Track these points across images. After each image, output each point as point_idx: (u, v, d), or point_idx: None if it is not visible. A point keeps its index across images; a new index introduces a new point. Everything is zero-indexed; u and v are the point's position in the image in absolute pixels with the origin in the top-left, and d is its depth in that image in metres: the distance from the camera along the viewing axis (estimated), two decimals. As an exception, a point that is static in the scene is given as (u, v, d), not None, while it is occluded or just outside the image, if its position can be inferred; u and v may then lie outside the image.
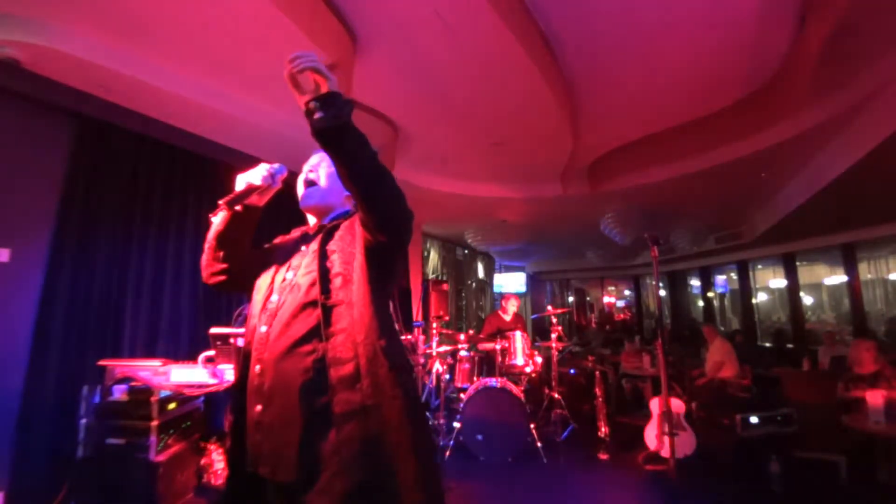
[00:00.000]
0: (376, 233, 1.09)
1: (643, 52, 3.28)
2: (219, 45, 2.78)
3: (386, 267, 1.18)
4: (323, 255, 1.19)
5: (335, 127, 1.00)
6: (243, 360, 1.18)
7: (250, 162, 1.31)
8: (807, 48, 3.07)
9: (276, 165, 1.27)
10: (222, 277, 1.29)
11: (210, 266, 1.29)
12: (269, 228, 1.68)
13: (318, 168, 1.35)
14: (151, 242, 3.42)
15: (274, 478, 1.04)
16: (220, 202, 1.20)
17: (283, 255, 1.30)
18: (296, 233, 1.41)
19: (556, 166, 5.25)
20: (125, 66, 2.77)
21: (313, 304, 1.12)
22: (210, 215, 1.25)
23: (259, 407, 1.08)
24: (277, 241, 1.43)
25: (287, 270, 1.24)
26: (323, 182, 1.33)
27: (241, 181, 1.23)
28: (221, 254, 1.27)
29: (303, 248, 1.28)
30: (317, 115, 1.00)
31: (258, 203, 1.29)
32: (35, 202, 2.83)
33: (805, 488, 3.16)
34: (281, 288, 1.20)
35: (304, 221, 1.45)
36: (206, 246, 1.28)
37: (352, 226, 1.22)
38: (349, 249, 1.18)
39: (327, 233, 1.25)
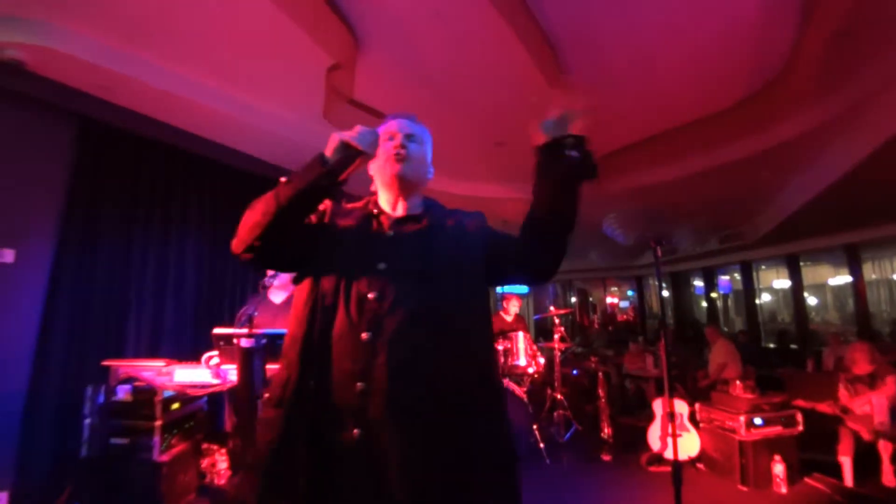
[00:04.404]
0: (530, 266, 1.11)
1: (645, 52, 3.28)
2: (221, 46, 2.80)
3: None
4: (437, 248, 1.07)
5: (587, 170, 1.02)
6: (300, 377, 0.96)
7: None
8: (808, 48, 3.06)
9: (373, 130, 1.05)
10: (248, 256, 1.03)
11: (245, 242, 1.01)
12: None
13: (417, 136, 1.21)
14: (154, 243, 3.44)
15: None
16: (312, 168, 0.98)
17: (353, 237, 1.09)
18: (353, 208, 1.18)
19: (558, 167, 5.24)
20: (128, 67, 2.79)
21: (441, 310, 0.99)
22: (281, 179, 1.00)
23: (357, 431, 0.91)
24: (332, 212, 1.15)
25: (376, 258, 1.03)
26: (417, 154, 1.17)
27: (343, 145, 1.00)
28: (267, 233, 0.99)
29: (390, 232, 1.09)
30: (573, 153, 1.01)
31: (340, 178, 1.03)
32: (39, 203, 2.85)
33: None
34: (379, 283, 0.99)
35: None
36: (260, 218, 0.98)
37: (474, 228, 1.16)
38: (470, 255, 1.08)
39: (436, 224, 1.13)
